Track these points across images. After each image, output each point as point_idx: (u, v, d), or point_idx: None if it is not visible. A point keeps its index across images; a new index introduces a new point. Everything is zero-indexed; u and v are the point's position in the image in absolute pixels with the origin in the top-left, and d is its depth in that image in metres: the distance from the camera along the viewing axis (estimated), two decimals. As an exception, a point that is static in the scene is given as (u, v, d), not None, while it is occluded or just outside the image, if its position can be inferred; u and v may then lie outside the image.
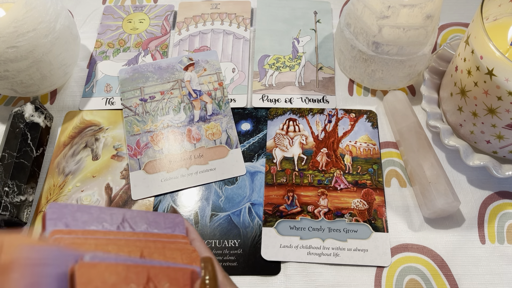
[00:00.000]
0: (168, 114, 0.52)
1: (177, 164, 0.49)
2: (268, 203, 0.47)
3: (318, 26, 0.60)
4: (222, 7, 0.62)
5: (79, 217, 0.27)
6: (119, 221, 0.29)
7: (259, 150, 0.50)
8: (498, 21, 0.45)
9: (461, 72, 0.43)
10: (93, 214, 0.28)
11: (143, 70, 0.56)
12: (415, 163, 0.46)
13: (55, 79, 0.52)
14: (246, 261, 0.44)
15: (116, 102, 0.54)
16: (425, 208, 0.44)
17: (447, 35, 0.59)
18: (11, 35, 0.44)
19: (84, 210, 0.28)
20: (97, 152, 0.51)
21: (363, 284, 0.42)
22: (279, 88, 0.55)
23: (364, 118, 0.52)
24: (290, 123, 0.52)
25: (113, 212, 0.29)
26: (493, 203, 0.46)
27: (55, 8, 0.49)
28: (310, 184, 0.48)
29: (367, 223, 0.45)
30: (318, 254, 0.43)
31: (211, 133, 0.51)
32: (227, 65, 0.57)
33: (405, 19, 0.45)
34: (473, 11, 0.60)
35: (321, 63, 0.57)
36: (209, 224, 0.46)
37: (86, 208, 0.28)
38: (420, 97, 0.52)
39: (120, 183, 0.49)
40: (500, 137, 0.43)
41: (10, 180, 0.45)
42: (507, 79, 0.37)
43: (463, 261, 0.43)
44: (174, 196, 0.48)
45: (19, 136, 0.48)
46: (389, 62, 0.49)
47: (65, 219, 0.27)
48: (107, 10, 0.64)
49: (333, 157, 0.49)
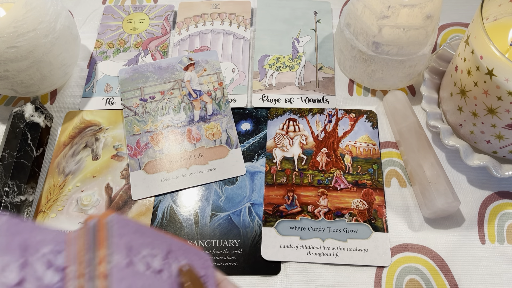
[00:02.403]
0: (168, 114, 0.52)
1: (177, 164, 0.49)
2: (268, 203, 0.47)
3: (318, 26, 0.60)
4: (222, 7, 0.62)
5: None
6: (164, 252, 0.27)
7: (259, 150, 0.50)
8: (498, 21, 0.45)
9: (461, 72, 0.43)
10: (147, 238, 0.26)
11: (143, 70, 0.56)
12: (415, 163, 0.46)
13: (55, 79, 0.52)
14: (246, 261, 0.44)
15: (116, 102, 0.54)
16: (425, 208, 0.44)
17: (447, 35, 0.59)
18: (11, 35, 0.44)
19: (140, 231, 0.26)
20: (97, 152, 0.51)
21: (363, 284, 0.42)
22: (279, 88, 0.55)
23: (364, 118, 0.52)
24: (290, 123, 0.52)
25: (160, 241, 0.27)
26: (493, 203, 0.46)
27: (55, 8, 0.49)
28: (310, 184, 0.48)
29: (367, 223, 0.45)
30: (318, 254, 0.43)
31: (211, 133, 0.51)
32: (227, 65, 0.57)
33: (405, 19, 0.45)
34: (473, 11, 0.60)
35: (321, 63, 0.57)
36: (209, 224, 0.46)
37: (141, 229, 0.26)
38: (420, 97, 0.52)
39: (120, 183, 0.49)
40: (500, 137, 0.43)
41: (10, 180, 0.45)
42: (507, 79, 0.37)
43: (463, 261, 0.43)
44: (174, 196, 0.48)
45: (19, 136, 0.48)
46: (389, 62, 0.49)
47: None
48: (107, 10, 0.64)
49: (333, 157, 0.49)
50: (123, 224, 0.24)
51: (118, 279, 0.22)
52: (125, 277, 0.22)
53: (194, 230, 0.45)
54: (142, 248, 0.24)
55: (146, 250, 0.25)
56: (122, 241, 0.23)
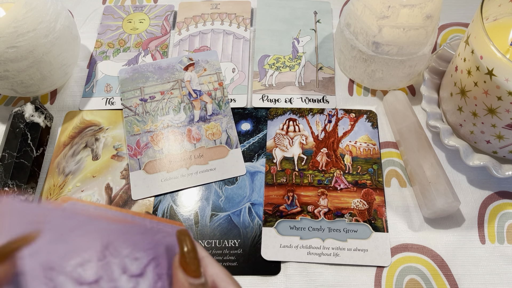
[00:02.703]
0: (168, 114, 0.52)
1: (177, 164, 0.49)
2: (268, 203, 0.47)
3: (318, 26, 0.60)
4: (222, 7, 0.62)
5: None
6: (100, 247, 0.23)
7: (259, 150, 0.50)
8: (498, 21, 0.45)
9: (461, 72, 0.43)
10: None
11: (143, 70, 0.56)
12: (415, 163, 0.46)
13: (55, 79, 0.52)
14: (246, 261, 0.44)
15: (116, 102, 0.54)
16: (425, 208, 0.44)
17: (447, 35, 0.59)
18: (11, 35, 0.44)
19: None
20: (97, 152, 0.51)
21: (363, 284, 0.42)
22: (279, 88, 0.55)
23: (364, 118, 0.52)
24: (290, 123, 0.52)
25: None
26: (493, 203, 0.46)
27: (55, 8, 0.49)
28: (310, 184, 0.48)
29: (367, 223, 0.45)
30: (318, 254, 0.43)
31: (211, 133, 0.51)
32: (227, 65, 0.57)
33: (405, 19, 0.45)
34: (473, 11, 0.60)
35: (321, 63, 0.57)
36: (209, 224, 0.46)
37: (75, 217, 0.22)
38: (420, 97, 0.52)
39: (120, 183, 0.49)
40: (500, 137, 0.43)
41: (10, 180, 0.45)
42: (507, 79, 0.37)
43: (463, 261, 0.43)
44: (174, 196, 0.48)
45: (19, 136, 0.48)
46: (389, 62, 0.49)
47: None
48: (107, 10, 0.64)
49: (333, 157, 0.49)
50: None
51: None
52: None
53: (194, 230, 0.45)
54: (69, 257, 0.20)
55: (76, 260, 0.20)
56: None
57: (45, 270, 0.19)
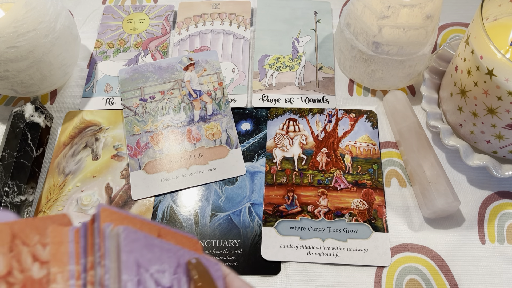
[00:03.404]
0: (168, 114, 0.52)
1: (177, 164, 0.49)
2: (268, 203, 0.47)
3: (318, 26, 0.60)
4: (222, 7, 0.62)
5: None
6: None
7: (259, 150, 0.50)
8: (498, 21, 0.45)
9: (461, 72, 0.43)
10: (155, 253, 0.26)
11: (143, 70, 0.56)
12: (415, 163, 0.46)
13: (55, 79, 0.52)
14: (246, 261, 0.44)
15: (116, 102, 0.54)
16: (425, 208, 0.44)
17: (447, 35, 0.59)
18: (11, 35, 0.44)
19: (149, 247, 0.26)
20: (97, 152, 0.51)
21: (363, 284, 0.42)
22: (279, 88, 0.55)
23: (364, 118, 0.52)
24: (290, 123, 0.52)
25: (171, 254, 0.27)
26: (493, 203, 0.46)
27: (55, 8, 0.49)
28: (310, 184, 0.48)
29: (367, 223, 0.45)
30: (318, 254, 0.43)
31: (211, 133, 0.51)
32: (227, 65, 0.57)
33: (405, 19, 0.45)
34: (473, 11, 0.60)
35: (321, 63, 0.57)
36: (209, 224, 0.46)
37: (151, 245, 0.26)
38: (420, 97, 0.52)
39: (120, 183, 0.49)
40: (500, 137, 0.43)
41: (10, 180, 0.45)
42: (507, 79, 0.37)
43: (463, 261, 0.43)
44: (174, 196, 0.48)
45: (19, 136, 0.48)
46: (389, 62, 0.49)
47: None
48: (107, 10, 0.64)
49: (333, 157, 0.49)
50: (133, 239, 0.24)
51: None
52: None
53: (194, 230, 0.45)
54: (150, 264, 0.24)
55: (155, 267, 0.24)
56: (131, 258, 0.23)
57: (136, 265, 0.23)
